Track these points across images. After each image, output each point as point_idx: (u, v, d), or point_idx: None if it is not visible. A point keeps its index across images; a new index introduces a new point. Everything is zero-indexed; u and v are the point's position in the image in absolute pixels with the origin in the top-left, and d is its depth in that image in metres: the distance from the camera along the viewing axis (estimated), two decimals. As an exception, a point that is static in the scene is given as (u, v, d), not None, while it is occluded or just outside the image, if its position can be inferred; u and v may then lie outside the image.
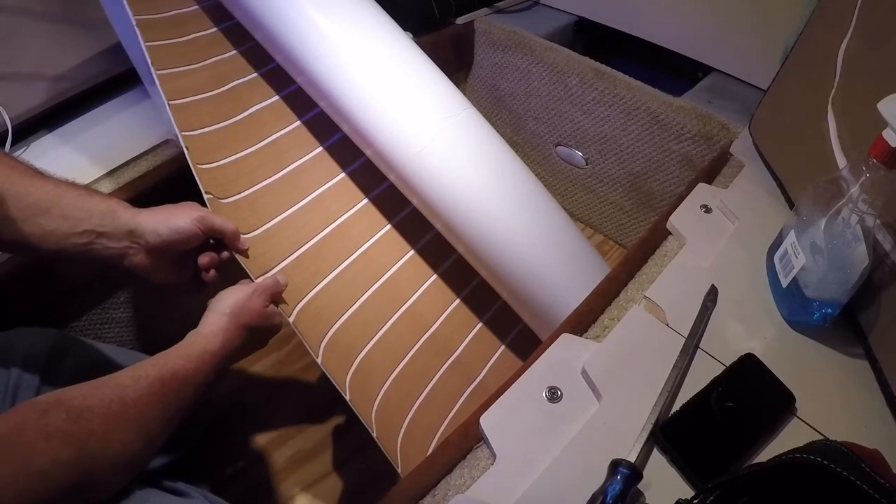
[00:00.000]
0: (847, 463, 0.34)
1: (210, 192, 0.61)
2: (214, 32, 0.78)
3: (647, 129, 0.93)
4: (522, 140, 1.16)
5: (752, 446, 0.44)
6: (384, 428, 0.60)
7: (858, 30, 0.56)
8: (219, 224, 0.54)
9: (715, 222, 0.63)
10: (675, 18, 0.96)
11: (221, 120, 0.71)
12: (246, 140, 0.71)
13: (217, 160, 0.67)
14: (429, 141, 0.62)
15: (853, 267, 0.47)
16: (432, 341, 0.70)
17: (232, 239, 0.56)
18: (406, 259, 0.75)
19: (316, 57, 0.65)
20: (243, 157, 0.70)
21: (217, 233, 0.55)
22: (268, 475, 0.83)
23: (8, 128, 0.72)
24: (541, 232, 0.65)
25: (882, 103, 0.43)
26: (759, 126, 0.73)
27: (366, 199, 0.76)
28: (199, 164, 0.64)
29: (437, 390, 0.67)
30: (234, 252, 0.57)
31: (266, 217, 0.67)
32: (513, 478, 0.42)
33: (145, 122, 0.80)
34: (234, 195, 0.66)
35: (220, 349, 0.48)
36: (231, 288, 0.54)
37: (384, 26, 0.67)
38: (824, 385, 0.49)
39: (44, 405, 0.36)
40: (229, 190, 0.66)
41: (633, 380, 0.48)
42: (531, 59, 1.03)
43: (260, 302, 0.53)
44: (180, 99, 0.68)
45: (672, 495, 0.40)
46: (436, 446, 0.63)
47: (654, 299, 0.54)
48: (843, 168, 0.49)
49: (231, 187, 0.66)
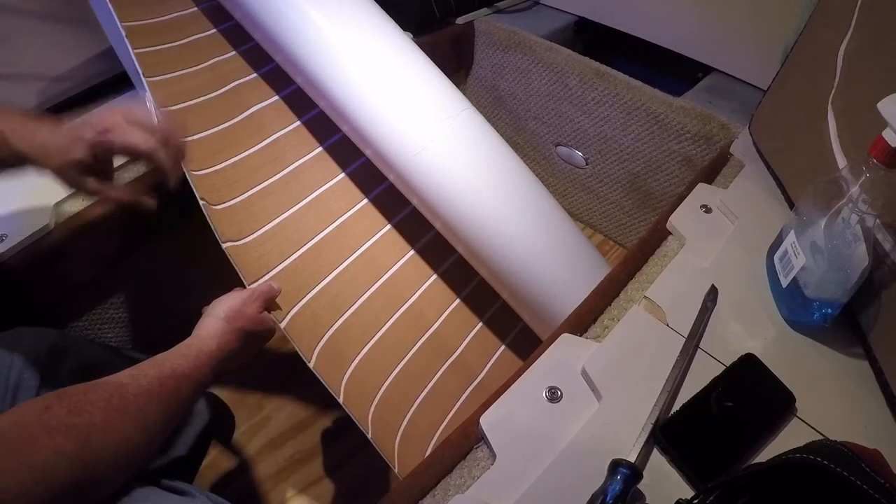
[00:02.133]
0: (847, 463, 0.34)
1: (204, 199, 0.62)
2: (214, 34, 0.78)
3: (647, 129, 0.93)
4: (522, 140, 1.16)
5: (751, 446, 0.44)
6: (381, 429, 0.60)
7: (858, 30, 0.56)
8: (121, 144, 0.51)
9: (715, 222, 0.63)
10: (675, 18, 0.96)
11: (220, 122, 0.71)
12: (245, 141, 0.72)
13: (215, 164, 0.67)
14: (429, 141, 0.62)
15: (853, 267, 0.47)
16: (432, 341, 0.70)
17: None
18: (406, 259, 0.75)
19: (316, 57, 0.65)
20: (242, 160, 0.70)
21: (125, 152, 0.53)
22: (267, 475, 0.83)
23: (8, 128, 0.72)
24: (541, 232, 0.65)
25: (882, 103, 0.43)
26: (759, 126, 0.73)
27: (366, 199, 0.76)
28: (195, 171, 0.64)
29: (437, 391, 0.67)
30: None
31: (265, 220, 0.67)
32: (513, 478, 0.42)
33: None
34: (231, 199, 0.66)
35: (217, 350, 0.49)
36: (226, 295, 0.56)
37: (384, 26, 0.67)
38: (824, 385, 0.49)
39: (45, 401, 0.36)
40: (225, 195, 0.66)
41: (633, 380, 0.48)
42: (531, 59, 1.03)
43: (254, 307, 0.55)
44: (176, 104, 0.68)
45: (672, 495, 0.40)
46: (435, 447, 0.63)
47: (654, 299, 0.54)
48: (843, 168, 0.49)
49: (228, 191, 0.66)
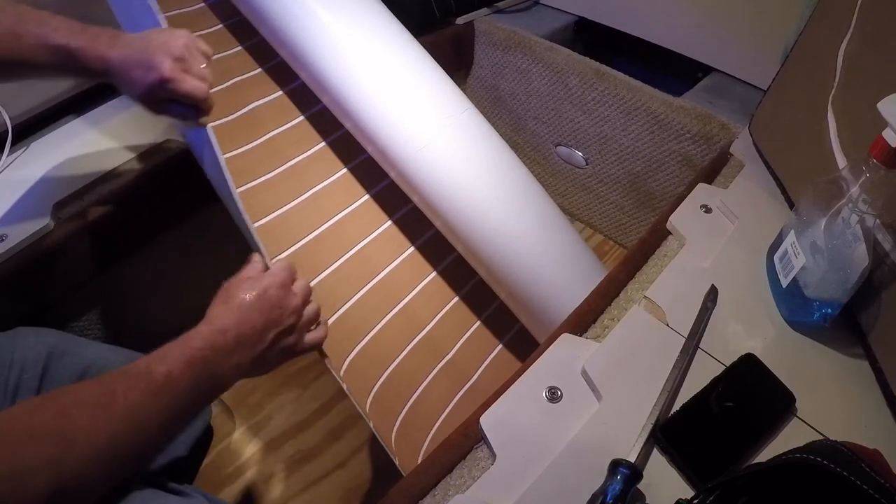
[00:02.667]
0: (847, 463, 0.34)
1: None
2: (220, 29, 0.79)
3: (647, 129, 0.93)
4: (522, 140, 1.16)
5: (752, 446, 0.44)
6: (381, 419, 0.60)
7: (858, 30, 0.56)
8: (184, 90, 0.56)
9: (715, 222, 0.63)
10: (676, 19, 0.96)
11: (221, 117, 0.71)
12: (246, 136, 0.71)
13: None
14: (430, 139, 0.62)
15: (853, 267, 0.47)
16: (427, 341, 0.70)
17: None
18: (405, 256, 0.75)
19: (320, 53, 0.65)
20: (243, 153, 0.70)
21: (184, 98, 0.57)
22: (268, 475, 0.83)
23: (8, 128, 0.72)
24: (538, 233, 0.65)
25: (882, 103, 0.43)
26: (759, 126, 0.73)
27: (367, 195, 0.76)
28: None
29: (431, 390, 0.67)
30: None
31: (262, 213, 0.67)
32: (513, 478, 0.42)
33: (145, 122, 0.80)
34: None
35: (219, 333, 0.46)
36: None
37: (388, 25, 0.68)
38: (824, 385, 0.49)
39: (35, 403, 0.36)
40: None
41: (633, 380, 0.48)
42: (531, 59, 1.03)
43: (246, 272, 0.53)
44: None
45: (672, 495, 0.40)
46: (430, 441, 0.63)
47: (654, 299, 0.54)
48: (843, 168, 0.49)
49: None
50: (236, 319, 0.47)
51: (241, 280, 0.51)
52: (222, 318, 0.47)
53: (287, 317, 0.50)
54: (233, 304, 0.48)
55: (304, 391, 0.92)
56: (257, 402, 0.91)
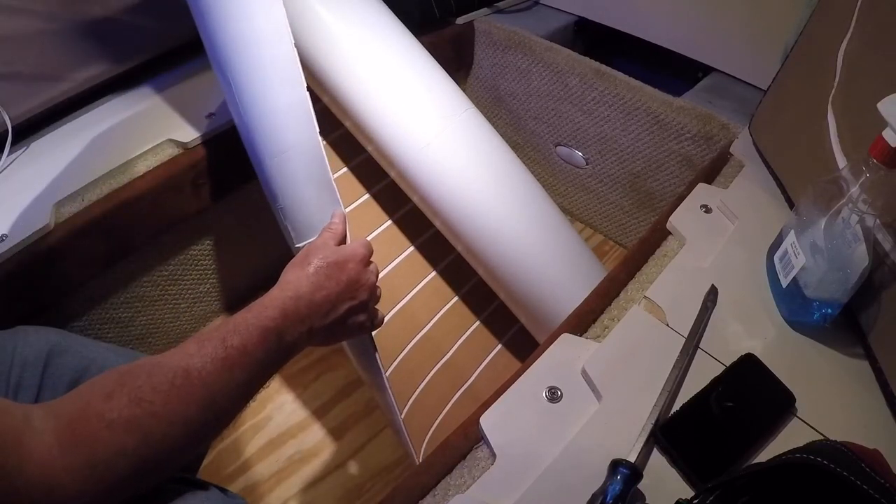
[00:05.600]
0: (847, 463, 0.34)
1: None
2: None
3: (647, 129, 0.93)
4: (522, 140, 1.16)
5: (752, 446, 0.44)
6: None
7: (858, 30, 0.56)
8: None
9: (715, 222, 0.63)
10: (675, 18, 0.96)
11: None
12: None
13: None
14: (431, 139, 0.62)
15: (853, 267, 0.47)
16: (426, 341, 0.70)
17: None
18: (405, 255, 0.75)
19: (322, 53, 0.65)
20: None
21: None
22: (267, 475, 0.83)
23: (8, 128, 0.72)
24: (538, 233, 0.66)
25: (882, 103, 0.43)
26: (759, 126, 0.73)
27: (367, 194, 0.76)
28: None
29: (430, 390, 0.67)
30: None
31: None
32: (513, 478, 0.42)
33: (145, 122, 0.80)
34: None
35: (279, 289, 0.45)
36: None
37: (390, 25, 0.68)
38: (824, 385, 0.49)
39: (109, 387, 0.35)
40: None
41: (633, 380, 0.48)
42: (531, 59, 1.03)
43: (331, 242, 0.51)
44: None
45: (672, 495, 0.40)
46: (429, 441, 0.63)
47: (654, 299, 0.54)
48: (843, 168, 0.49)
49: None
50: (311, 286, 0.46)
51: (320, 246, 0.49)
52: (297, 284, 0.46)
53: (362, 292, 0.50)
54: (309, 270, 0.47)
55: (304, 391, 0.92)
56: (257, 402, 0.91)
